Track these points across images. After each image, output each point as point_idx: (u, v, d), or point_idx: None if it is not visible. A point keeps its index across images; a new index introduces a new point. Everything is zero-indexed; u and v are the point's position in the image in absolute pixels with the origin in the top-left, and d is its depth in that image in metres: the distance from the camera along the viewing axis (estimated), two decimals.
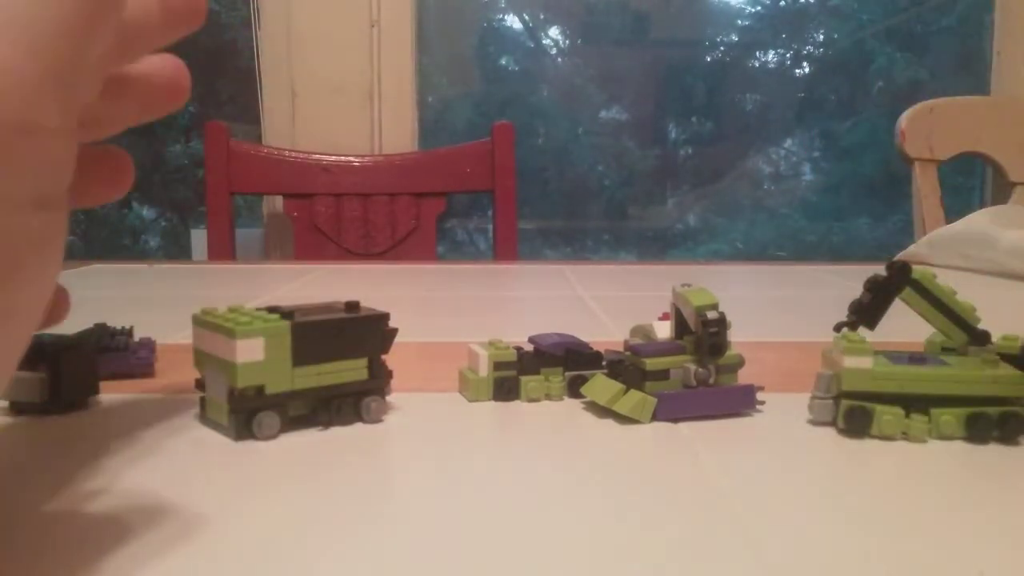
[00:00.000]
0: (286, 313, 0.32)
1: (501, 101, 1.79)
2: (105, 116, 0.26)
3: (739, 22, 1.84)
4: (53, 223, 0.20)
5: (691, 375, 0.34)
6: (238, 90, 1.65)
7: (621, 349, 0.37)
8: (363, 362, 0.33)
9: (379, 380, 0.33)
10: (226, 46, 1.71)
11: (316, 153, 1.40)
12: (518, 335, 0.39)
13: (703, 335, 0.34)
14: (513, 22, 1.82)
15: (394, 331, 0.34)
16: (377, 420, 0.33)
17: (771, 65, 1.86)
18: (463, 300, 0.74)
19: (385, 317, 0.34)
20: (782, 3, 1.85)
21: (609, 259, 1.86)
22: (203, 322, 0.32)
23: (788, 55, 1.86)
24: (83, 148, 0.24)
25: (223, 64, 1.72)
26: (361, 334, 0.33)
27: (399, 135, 1.52)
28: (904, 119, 1.37)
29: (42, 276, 0.21)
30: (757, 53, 1.85)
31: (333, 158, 1.39)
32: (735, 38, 1.83)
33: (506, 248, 1.38)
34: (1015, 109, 1.51)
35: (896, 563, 0.22)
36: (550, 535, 0.23)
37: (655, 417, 0.33)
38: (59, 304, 0.28)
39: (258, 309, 0.32)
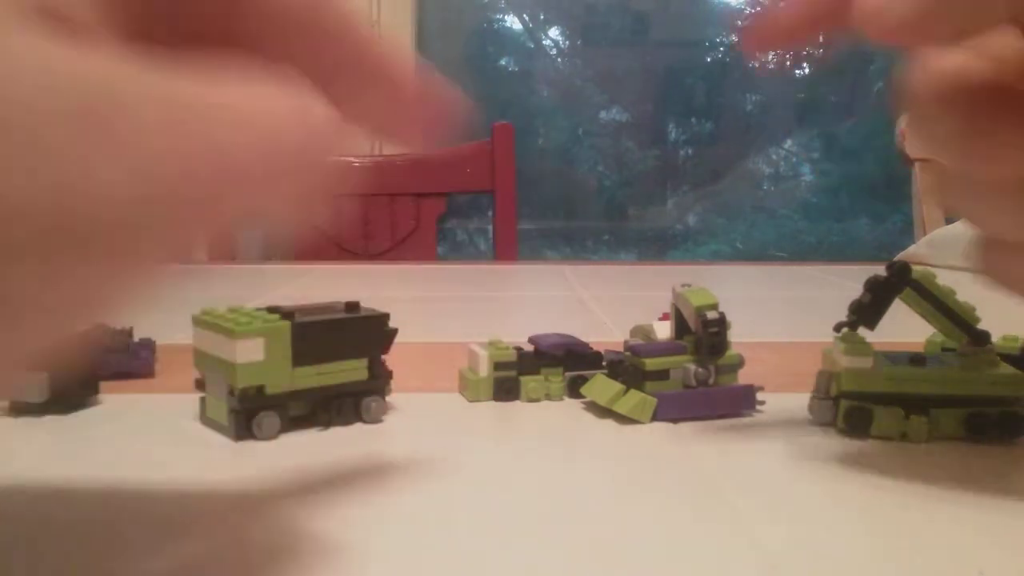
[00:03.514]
0: (286, 313, 0.31)
1: (501, 102, 1.79)
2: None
3: (739, 23, 1.84)
4: None
5: (691, 375, 0.34)
6: None
7: (621, 349, 0.37)
8: (363, 362, 0.33)
9: (379, 380, 0.33)
10: None
11: None
12: (518, 335, 0.39)
13: (703, 335, 0.34)
14: (513, 23, 1.82)
15: (394, 331, 0.34)
16: (377, 420, 0.33)
17: (771, 66, 1.86)
18: (463, 300, 0.74)
19: (385, 317, 0.34)
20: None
21: (609, 259, 1.86)
22: (203, 322, 0.32)
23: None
24: None
25: None
26: (361, 334, 0.33)
27: None
28: (904, 119, 1.37)
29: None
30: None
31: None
32: (735, 39, 1.83)
33: (506, 248, 1.37)
34: None
35: (896, 563, 0.22)
36: (550, 535, 0.23)
37: (655, 417, 0.33)
38: None
39: (258, 309, 0.32)
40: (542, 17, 1.82)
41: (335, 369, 0.32)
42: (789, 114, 1.89)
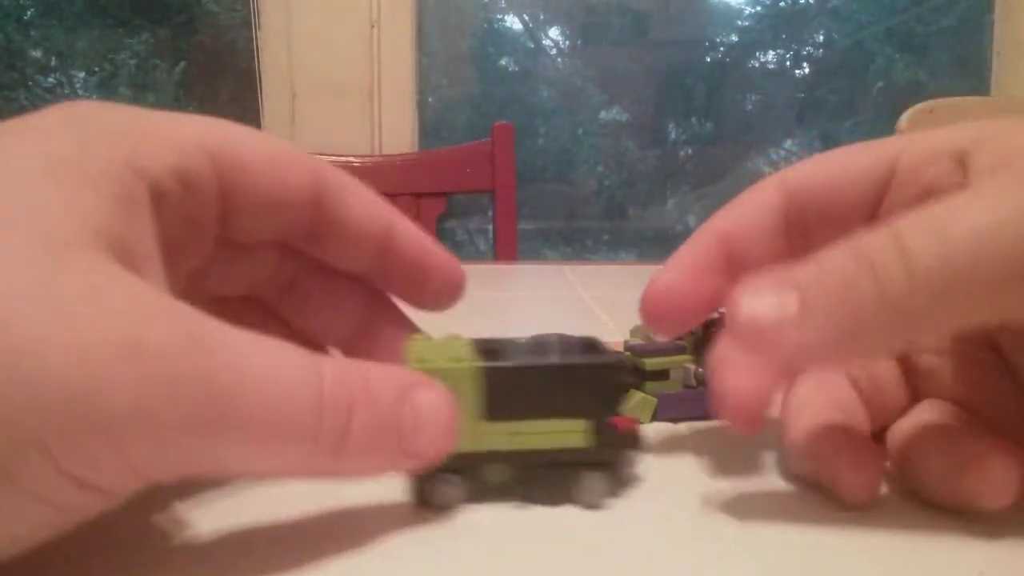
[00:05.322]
0: (488, 350, 0.25)
1: (501, 101, 1.79)
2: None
3: (739, 23, 1.84)
4: None
5: (691, 375, 0.34)
6: (238, 90, 1.65)
7: (621, 349, 0.37)
8: (580, 423, 0.25)
9: (607, 450, 0.25)
10: (226, 46, 1.71)
11: (316, 153, 1.39)
12: (518, 335, 0.39)
13: (703, 335, 0.34)
14: (513, 22, 1.82)
15: (630, 385, 0.28)
16: (596, 505, 0.25)
17: (771, 66, 1.86)
18: (463, 300, 0.74)
19: (617, 365, 0.25)
20: (782, 3, 1.85)
21: (609, 259, 1.86)
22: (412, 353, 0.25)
23: (788, 56, 1.86)
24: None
25: (223, 64, 1.72)
26: (580, 385, 0.25)
27: (399, 135, 1.52)
28: (904, 119, 1.37)
29: None
30: (757, 54, 1.85)
31: (333, 158, 1.39)
32: (735, 39, 1.83)
33: (506, 248, 1.37)
34: (1015, 109, 1.50)
35: (897, 563, 0.22)
36: (549, 535, 0.23)
37: (655, 417, 0.33)
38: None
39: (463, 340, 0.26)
40: (542, 17, 1.82)
41: (540, 430, 0.24)
42: (789, 114, 1.89)
